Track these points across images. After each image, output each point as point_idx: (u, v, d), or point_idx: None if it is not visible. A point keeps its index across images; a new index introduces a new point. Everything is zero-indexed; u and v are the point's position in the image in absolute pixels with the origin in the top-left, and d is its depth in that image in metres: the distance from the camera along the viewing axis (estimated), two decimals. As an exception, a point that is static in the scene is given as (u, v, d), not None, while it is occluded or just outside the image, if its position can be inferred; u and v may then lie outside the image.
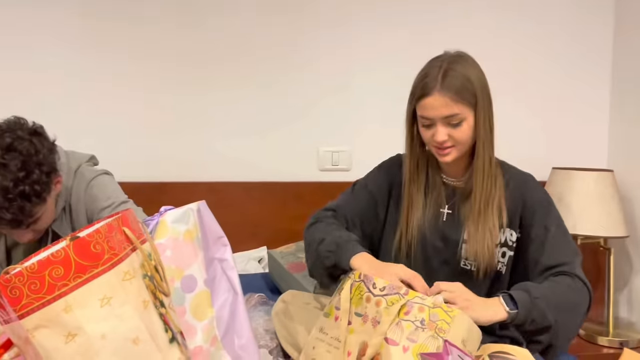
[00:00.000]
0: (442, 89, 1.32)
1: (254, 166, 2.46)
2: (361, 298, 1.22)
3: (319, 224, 1.52)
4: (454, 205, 1.48)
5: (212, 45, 2.40)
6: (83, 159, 1.62)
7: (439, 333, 1.11)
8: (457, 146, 1.38)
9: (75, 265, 0.88)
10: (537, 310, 1.26)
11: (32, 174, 1.31)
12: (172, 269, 1.15)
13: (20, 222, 1.33)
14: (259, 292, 1.90)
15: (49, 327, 0.87)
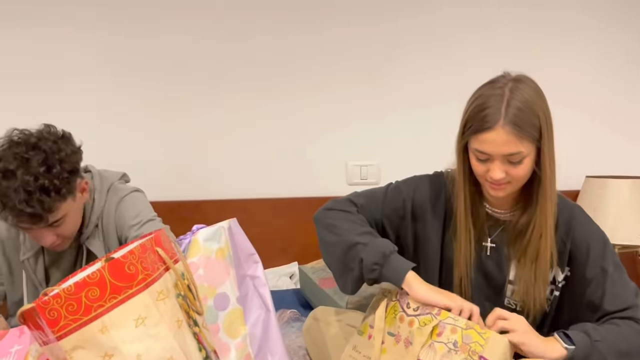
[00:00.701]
0: (506, 124, 1.17)
1: (282, 182, 2.47)
2: (395, 317, 1.20)
3: (343, 213, 1.41)
4: (499, 239, 1.37)
5: (239, 65, 2.43)
6: (115, 177, 1.65)
7: (472, 356, 1.08)
8: (512, 183, 1.25)
9: (110, 286, 0.90)
10: (598, 354, 1.18)
11: (53, 169, 1.34)
12: (204, 288, 1.16)
13: (40, 217, 1.33)
14: (291, 308, 1.91)
15: (86, 348, 0.88)
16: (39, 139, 1.37)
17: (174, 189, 2.38)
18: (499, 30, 2.49)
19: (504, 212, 1.36)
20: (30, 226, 1.37)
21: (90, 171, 1.63)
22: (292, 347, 1.58)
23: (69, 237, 1.48)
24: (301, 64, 2.45)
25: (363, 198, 1.46)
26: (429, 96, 2.45)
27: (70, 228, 1.45)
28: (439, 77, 2.43)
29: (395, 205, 1.43)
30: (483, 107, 1.20)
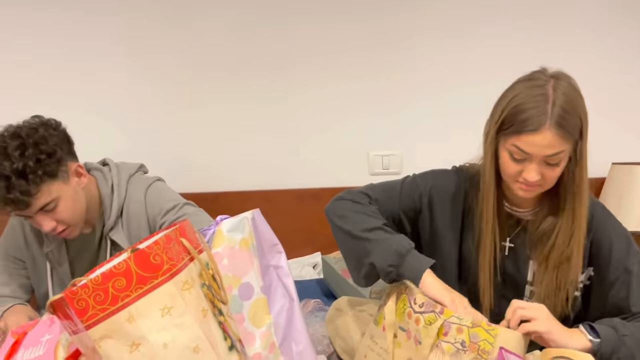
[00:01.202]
0: (552, 126, 1.13)
1: (304, 172, 2.48)
2: (404, 312, 1.19)
3: (360, 206, 1.37)
4: (517, 239, 1.34)
5: (264, 55, 2.43)
6: (132, 168, 1.67)
7: (482, 355, 1.06)
8: (544, 185, 1.22)
9: (136, 276, 0.91)
10: (625, 349, 1.15)
11: (26, 151, 1.35)
12: (229, 277, 1.17)
13: (22, 202, 1.35)
14: (315, 298, 1.92)
15: (114, 337, 0.90)
16: (19, 127, 1.40)
17: (197, 181, 2.40)
18: (517, 21, 2.45)
19: (525, 212, 1.33)
20: (20, 212, 1.40)
21: (108, 164, 1.65)
22: (315, 336, 1.59)
23: (72, 224, 1.47)
24: (321, 53, 2.44)
25: (378, 191, 1.42)
26: (451, 84, 2.42)
27: (68, 213, 1.45)
28: (461, 65, 2.40)
29: (411, 199, 1.40)
30: (525, 106, 1.16)
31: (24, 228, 1.60)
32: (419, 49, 2.45)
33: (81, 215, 1.50)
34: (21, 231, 1.60)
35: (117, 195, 1.57)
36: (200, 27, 2.38)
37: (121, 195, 1.58)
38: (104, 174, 1.61)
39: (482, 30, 2.42)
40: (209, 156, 2.46)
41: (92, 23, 2.34)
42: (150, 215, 1.57)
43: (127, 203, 1.58)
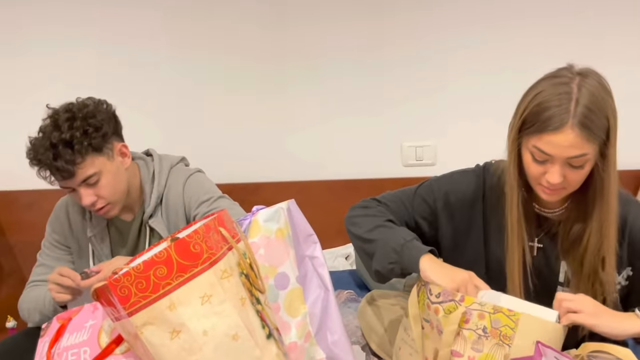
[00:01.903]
0: (575, 126, 1.08)
1: (337, 164, 2.48)
2: (424, 304, 1.18)
3: (366, 209, 1.40)
4: (546, 239, 1.30)
5: (293, 43, 2.43)
6: (174, 159, 1.71)
7: (504, 340, 1.05)
8: (568, 188, 1.17)
9: (177, 264, 0.93)
10: None
11: (75, 123, 1.43)
12: (265, 267, 1.18)
13: (67, 171, 1.42)
14: (348, 289, 1.93)
15: (155, 324, 0.92)
16: (71, 104, 1.49)
17: (232, 172, 2.42)
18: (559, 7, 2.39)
19: (553, 212, 1.28)
20: (65, 183, 1.46)
21: (151, 155, 1.70)
22: (349, 327, 1.59)
23: (112, 201, 1.52)
24: (356, 43, 2.43)
25: (391, 197, 1.43)
26: (487, 73, 2.38)
27: (109, 190, 1.50)
28: (498, 54, 2.36)
29: (426, 204, 1.38)
30: (548, 104, 1.11)
31: (68, 215, 1.66)
32: (456, 38, 2.41)
33: (121, 195, 1.55)
34: (66, 218, 1.66)
35: (158, 183, 1.61)
36: (239, 18, 2.39)
37: (161, 184, 1.62)
38: (147, 162, 1.66)
39: (522, 19, 2.37)
40: (244, 147, 2.48)
41: (133, 16, 2.38)
42: (187, 205, 1.61)
43: (167, 192, 1.62)
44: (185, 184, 1.63)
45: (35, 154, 1.43)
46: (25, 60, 2.43)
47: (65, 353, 1.08)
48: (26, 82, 2.44)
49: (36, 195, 2.38)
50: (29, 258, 1.83)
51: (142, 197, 1.63)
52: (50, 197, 1.86)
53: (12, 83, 2.45)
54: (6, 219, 2.45)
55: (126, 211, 1.63)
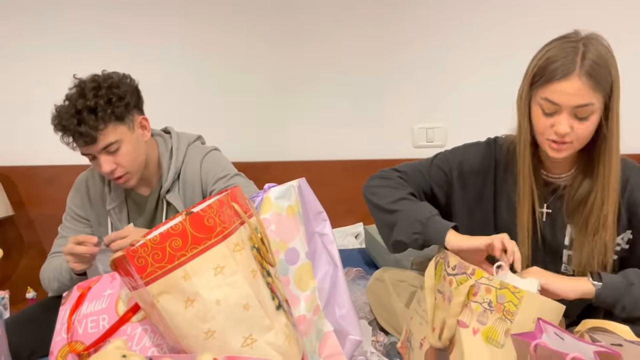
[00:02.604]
0: (583, 74, 1.15)
1: (349, 145, 2.50)
2: (441, 276, 1.23)
3: (387, 180, 1.45)
4: (554, 204, 1.35)
5: (306, 25, 2.45)
6: (192, 137, 1.76)
7: (507, 315, 1.09)
8: (574, 143, 1.22)
9: (191, 237, 0.97)
10: (630, 297, 1.18)
11: (99, 91, 1.49)
12: (276, 242, 1.22)
13: (91, 136, 1.47)
14: (357, 267, 1.96)
15: (171, 293, 0.96)
16: (98, 75, 1.56)
17: (245, 150, 2.46)
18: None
19: (561, 177, 1.34)
20: (87, 149, 1.52)
21: (169, 132, 1.75)
22: (357, 303, 1.63)
23: (130, 171, 1.57)
24: (370, 25, 2.44)
25: (409, 167, 1.50)
26: (496, 54, 2.38)
27: (128, 159, 1.55)
28: (509, 36, 2.36)
29: (442, 172, 1.45)
30: (556, 58, 1.18)
31: (88, 190, 1.72)
32: (468, 22, 2.41)
33: (139, 165, 1.60)
34: (86, 192, 1.72)
35: (176, 159, 1.67)
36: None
37: (179, 160, 1.67)
38: (165, 139, 1.71)
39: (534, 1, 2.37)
40: (256, 127, 2.51)
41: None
42: (204, 181, 1.66)
43: (184, 168, 1.67)
44: (202, 161, 1.68)
45: (60, 119, 1.49)
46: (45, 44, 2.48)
47: (85, 320, 1.14)
48: (44, 62, 2.49)
49: (55, 170, 2.45)
50: (49, 231, 1.89)
51: (159, 172, 1.68)
52: (69, 172, 1.92)
53: (30, 62, 2.50)
54: (26, 193, 2.52)
55: (144, 185, 1.68)
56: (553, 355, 0.93)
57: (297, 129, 2.51)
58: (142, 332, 1.10)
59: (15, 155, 2.51)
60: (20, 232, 2.52)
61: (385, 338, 1.51)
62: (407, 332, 1.34)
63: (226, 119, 2.51)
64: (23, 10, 2.47)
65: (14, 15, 2.47)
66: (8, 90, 2.52)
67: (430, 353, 1.20)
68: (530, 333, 1.04)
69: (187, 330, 0.97)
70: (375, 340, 1.50)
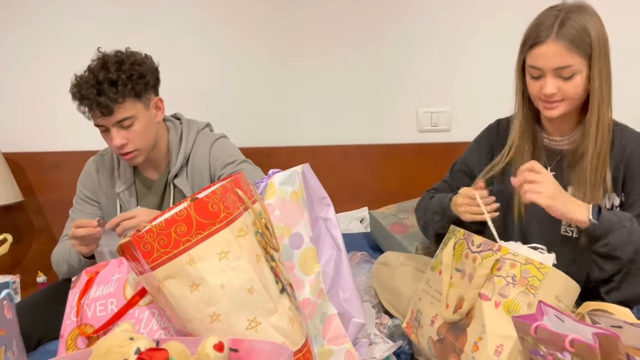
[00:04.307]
0: (557, 38, 1.26)
1: (353, 130, 2.50)
2: (461, 254, 1.27)
3: (421, 204, 1.62)
4: (557, 167, 1.42)
5: (309, 11, 2.44)
6: (201, 125, 1.80)
7: (530, 290, 1.12)
8: (565, 100, 1.31)
9: (196, 223, 0.99)
10: (618, 237, 1.23)
11: (122, 66, 1.53)
12: (281, 227, 1.24)
13: (109, 108, 1.51)
14: (362, 251, 1.98)
15: (176, 278, 0.99)
16: (121, 52, 1.60)
17: (249, 136, 2.47)
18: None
19: (562, 140, 1.42)
20: (102, 120, 1.54)
21: (179, 118, 1.78)
22: (362, 286, 1.65)
23: (140, 148, 1.60)
24: (369, 11, 2.43)
25: (437, 184, 1.64)
26: (502, 41, 2.36)
27: (140, 136, 1.58)
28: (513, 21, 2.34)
29: (460, 174, 1.58)
30: (538, 25, 1.30)
31: (98, 173, 1.75)
32: (472, 6, 2.40)
33: (149, 144, 1.63)
34: (95, 175, 1.75)
35: (185, 145, 1.70)
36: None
37: (188, 146, 1.70)
38: (175, 125, 1.74)
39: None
40: (261, 112, 2.52)
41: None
42: (212, 167, 1.70)
43: (193, 154, 1.70)
44: (211, 147, 1.71)
45: (80, 88, 1.52)
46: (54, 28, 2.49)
47: (94, 303, 1.16)
48: (53, 48, 2.50)
49: (63, 157, 2.47)
50: (58, 216, 1.92)
51: (168, 156, 1.71)
52: (77, 157, 1.94)
53: (40, 48, 2.51)
54: (35, 179, 2.54)
55: (153, 169, 1.72)
56: (553, 336, 0.94)
57: (302, 114, 2.52)
58: (150, 316, 1.13)
59: (25, 142, 2.53)
60: (30, 217, 2.55)
61: (389, 321, 1.53)
62: (413, 312, 1.37)
63: (231, 105, 2.51)
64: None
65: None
66: (15, 78, 2.53)
67: (443, 327, 1.24)
68: (531, 315, 1.05)
69: (192, 314, 0.99)
70: (379, 322, 1.52)
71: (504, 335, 1.11)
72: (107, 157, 1.75)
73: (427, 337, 1.28)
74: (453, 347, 1.20)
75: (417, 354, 1.42)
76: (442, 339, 1.24)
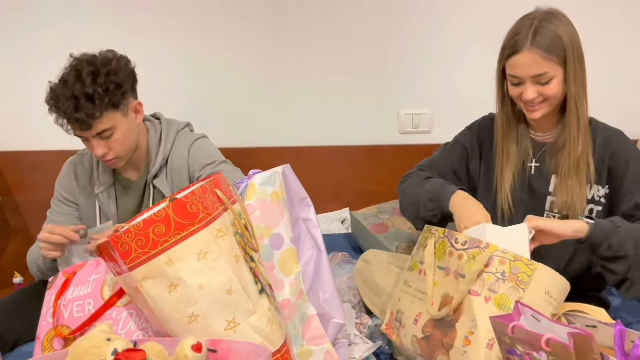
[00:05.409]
0: (532, 47, 1.32)
1: (335, 131, 2.51)
2: (444, 252, 1.28)
3: (410, 178, 1.60)
4: (542, 159, 1.49)
5: (292, 8, 2.44)
6: (181, 124, 1.78)
7: (520, 285, 1.15)
8: (546, 101, 1.38)
9: (175, 223, 0.98)
10: (617, 238, 1.26)
11: (98, 79, 1.48)
12: (261, 228, 1.23)
13: (86, 123, 1.48)
14: (343, 251, 1.98)
15: (155, 278, 0.98)
16: (95, 56, 1.55)
17: (232, 136, 2.46)
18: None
19: (545, 135, 1.49)
20: (81, 133, 1.52)
21: (159, 118, 1.76)
22: (342, 287, 1.66)
23: (121, 155, 1.58)
24: (352, 12, 2.43)
25: (431, 158, 1.66)
26: (483, 43, 2.38)
27: (120, 144, 1.56)
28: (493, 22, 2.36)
29: (457, 152, 1.60)
30: (514, 35, 1.36)
31: (76, 173, 1.73)
32: (455, 8, 2.42)
33: (130, 149, 1.62)
34: (74, 176, 1.72)
35: (164, 145, 1.68)
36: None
37: (167, 147, 1.69)
38: (155, 125, 1.72)
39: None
40: (242, 113, 2.51)
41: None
42: (191, 168, 1.68)
43: (173, 155, 1.69)
44: (191, 148, 1.70)
45: (57, 102, 1.49)
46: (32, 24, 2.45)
47: (71, 305, 1.15)
48: (30, 47, 2.46)
49: (42, 156, 2.44)
50: (35, 216, 1.89)
51: (148, 157, 1.69)
52: (56, 157, 1.92)
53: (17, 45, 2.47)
54: (13, 179, 2.50)
55: (132, 170, 1.70)
56: (530, 336, 0.96)
57: (285, 115, 2.51)
58: (128, 317, 1.12)
59: (2, 141, 2.50)
60: (7, 217, 2.52)
61: (369, 321, 1.53)
62: (393, 313, 1.38)
63: (214, 105, 2.50)
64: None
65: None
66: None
67: (429, 325, 1.25)
68: (509, 315, 1.07)
69: (170, 314, 0.98)
70: (360, 322, 1.52)
71: None
72: (86, 158, 1.73)
73: (410, 337, 1.29)
74: (441, 343, 1.21)
75: (397, 354, 1.43)
76: (429, 336, 1.25)
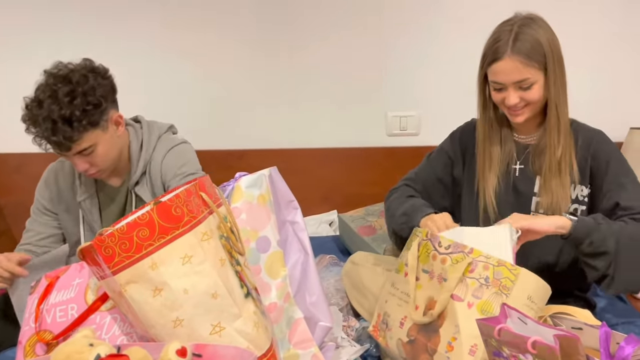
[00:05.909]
0: (513, 53, 1.33)
1: (323, 133, 2.51)
2: (428, 256, 1.27)
3: (395, 193, 1.63)
4: (526, 160, 1.51)
5: (283, 11, 2.44)
6: (162, 128, 1.73)
7: (503, 290, 1.15)
8: (529, 106, 1.40)
9: (159, 227, 0.97)
10: (599, 234, 1.29)
11: (75, 100, 1.42)
12: (247, 231, 1.23)
13: (65, 146, 1.44)
14: (330, 254, 1.98)
15: (138, 282, 0.96)
16: (71, 71, 1.47)
17: (219, 139, 2.45)
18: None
19: (528, 137, 1.51)
20: (60, 153, 1.48)
21: (140, 121, 1.71)
22: (329, 289, 1.65)
23: (103, 168, 1.56)
24: (340, 15, 2.43)
25: (415, 169, 1.68)
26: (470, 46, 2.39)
27: (102, 158, 1.53)
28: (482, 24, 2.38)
29: (441, 160, 1.63)
30: (495, 41, 1.37)
31: (57, 182, 1.69)
32: (442, 10, 2.42)
33: (113, 161, 1.58)
34: (55, 185, 1.69)
35: (145, 152, 1.64)
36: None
37: (148, 153, 1.65)
38: (136, 129, 1.67)
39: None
40: (231, 115, 2.50)
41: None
42: (163, 176, 1.65)
43: (152, 161, 1.65)
44: (165, 155, 1.65)
45: (33, 123, 1.44)
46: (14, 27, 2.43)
47: (54, 309, 1.13)
48: (12, 49, 2.44)
49: (25, 158, 2.41)
50: (19, 219, 1.86)
51: (130, 163, 1.66)
52: (39, 159, 1.89)
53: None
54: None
55: (115, 177, 1.66)
56: (516, 338, 0.95)
57: (273, 117, 2.51)
58: (112, 321, 1.10)
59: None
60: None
61: (357, 323, 1.53)
62: (380, 315, 1.37)
63: (202, 107, 2.49)
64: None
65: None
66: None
67: (414, 329, 1.25)
68: (495, 318, 1.06)
69: (155, 319, 0.97)
70: (347, 325, 1.52)
71: (478, 335, 1.12)
72: (68, 164, 1.69)
73: (396, 340, 1.29)
74: (425, 347, 1.21)
75: (384, 357, 1.42)
76: (413, 340, 1.24)
